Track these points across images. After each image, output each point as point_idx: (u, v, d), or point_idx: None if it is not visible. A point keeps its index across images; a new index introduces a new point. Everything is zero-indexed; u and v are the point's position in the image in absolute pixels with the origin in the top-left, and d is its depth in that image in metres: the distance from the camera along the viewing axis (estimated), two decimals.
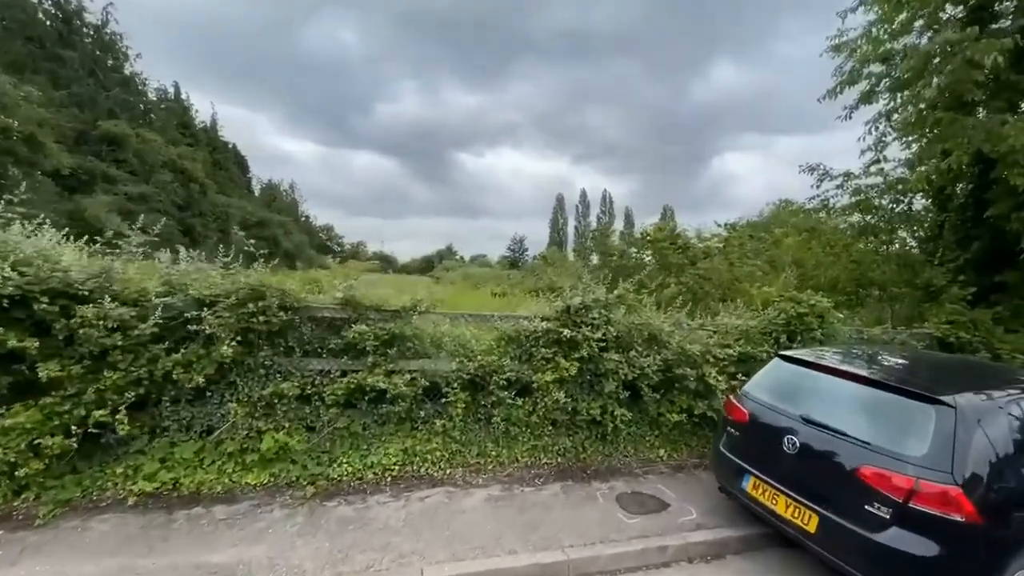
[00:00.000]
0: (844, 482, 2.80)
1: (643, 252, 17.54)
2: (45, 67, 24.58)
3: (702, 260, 15.07)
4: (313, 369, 4.21)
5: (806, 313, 5.63)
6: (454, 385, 4.44)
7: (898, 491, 2.56)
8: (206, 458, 3.81)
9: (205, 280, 3.82)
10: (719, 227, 16.14)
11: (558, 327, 4.61)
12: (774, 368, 3.81)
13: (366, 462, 4.12)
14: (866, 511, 2.66)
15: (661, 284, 15.08)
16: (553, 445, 4.69)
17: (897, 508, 2.56)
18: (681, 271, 15.07)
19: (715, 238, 15.86)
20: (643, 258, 17.40)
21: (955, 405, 2.66)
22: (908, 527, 2.53)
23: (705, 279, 13.87)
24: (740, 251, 14.19)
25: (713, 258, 14.74)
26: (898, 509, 2.55)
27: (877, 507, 2.62)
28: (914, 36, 6.84)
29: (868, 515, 2.65)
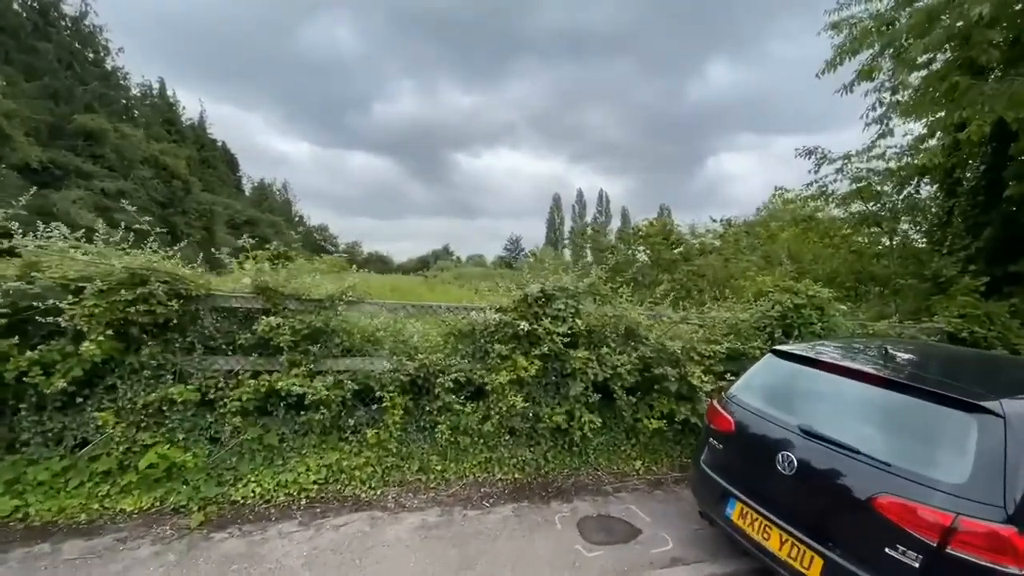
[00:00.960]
0: (856, 515, 2.13)
1: (635, 248, 16.97)
2: (19, 59, 23.75)
3: (696, 256, 14.51)
4: (219, 369, 3.52)
5: (804, 305, 4.98)
6: (390, 388, 3.76)
7: (930, 530, 1.90)
8: (73, 479, 3.11)
9: (66, 262, 3.11)
10: (715, 223, 15.59)
11: (514, 319, 3.94)
12: (766, 366, 3.14)
13: (279, 481, 3.43)
14: (886, 556, 1.99)
15: (654, 281, 14.51)
16: (510, 458, 4.01)
17: (929, 554, 1.89)
18: (674, 267, 14.50)
19: (710, 234, 15.30)
20: (635, 254, 16.83)
21: (1004, 414, 1.99)
22: None
23: (699, 275, 13.30)
24: (735, 247, 13.62)
25: (708, 255, 14.19)
26: (930, 555, 1.89)
27: (901, 551, 1.96)
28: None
29: (889, 562, 1.98)
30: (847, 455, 2.24)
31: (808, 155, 8.28)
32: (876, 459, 2.14)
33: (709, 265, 13.35)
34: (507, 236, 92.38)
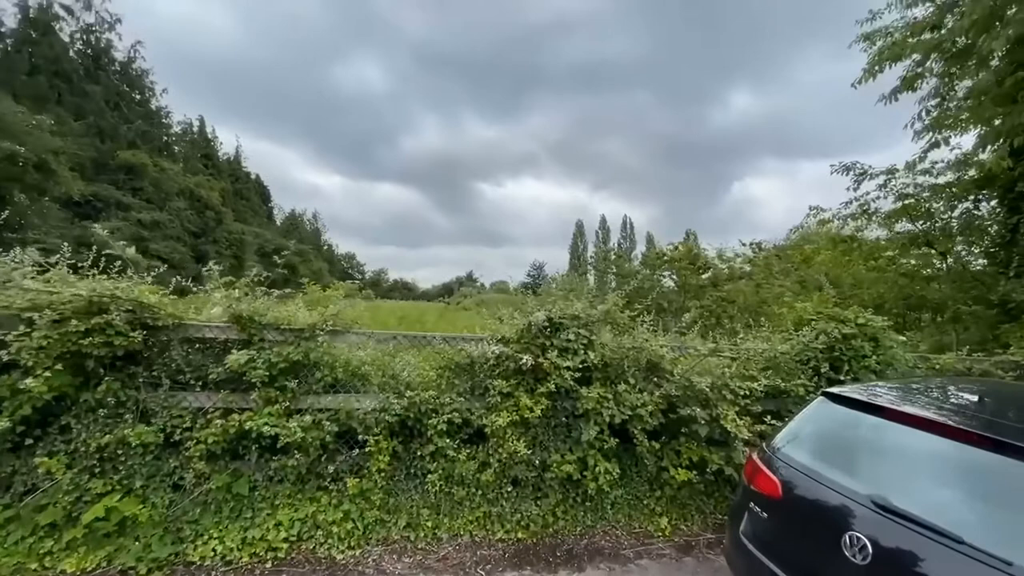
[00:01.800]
0: None
1: (659, 273, 16.32)
2: (70, 100, 25.46)
3: (725, 282, 13.78)
4: (187, 407, 3.17)
5: (854, 335, 4.34)
6: (376, 430, 3.32)
7: None
8: (14, 532, 2.76)
9: (12, 291, 2.85)
10: (744, 246, 14.87)
11: (516, 352, 3.47)
12: (818, 412, 2.57)
13: (245, 537, 3.00)
14: None
15: (681, 307, 13.80)
16: (513, 513, 3.48)
17: None
18: (702, 293, 13.79)
19: (739, 258, 14.57)
20: (659, 279, 16.16)
21: None
22: None
23: (729, 302, 12.58)
24: (767, 271, 12.89)
25: (738, 280, 13.46)
26: None
27: None
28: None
29: None
30: (945, 543, 1.66)
31: (846, 171, 7.65)
32: (991, 554, 1.56)
33: (739, 291, 12.62)
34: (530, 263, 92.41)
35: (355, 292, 5.54)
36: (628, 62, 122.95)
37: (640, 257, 32.13)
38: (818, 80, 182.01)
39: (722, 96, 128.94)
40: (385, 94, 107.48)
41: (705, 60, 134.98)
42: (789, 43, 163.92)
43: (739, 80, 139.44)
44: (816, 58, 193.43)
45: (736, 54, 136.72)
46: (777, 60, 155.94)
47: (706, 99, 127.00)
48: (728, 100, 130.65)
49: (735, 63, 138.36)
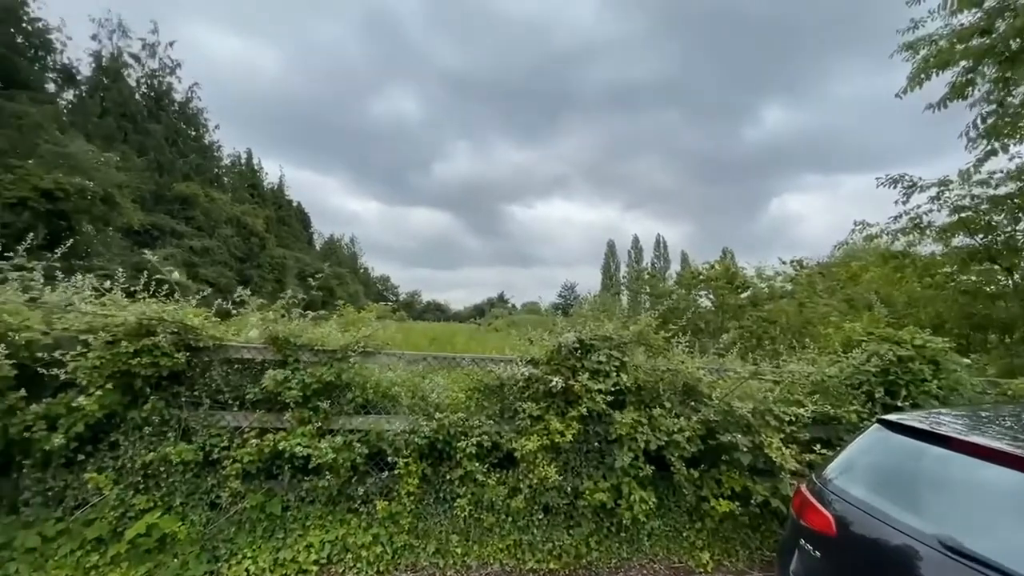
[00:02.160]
0: None
1: (695, 293, 15.86)
2: (134, 138, 27.72)
3: (765, 301, 13.24)
4: (225, 426, 3.26)
5: (911, 357, 4.04)
6: (405, 452, 3.30)
7: None
8: (63, 545, 2.87)
9: (74, 314, 3.05)
10: (784, 264, 14.31)
11: (546, 373, 3.41)
12: (874, 442, 2.37)
13: (277, 559, 3.01)
14: None
15: (719, 328, 13.30)
16: (544, 542, 3.35)
17: None
18: (741, 313, 13.27)
19: (780, 277, 14.01)
20: (695, 299, 15.69)
21: None
22: None
23: (770, 322, 12.04)
24: (810, 290, 12.32)
25: (779, 299, 12.90)
26: None
27: None
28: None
29: None
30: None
31: (893, 184, 7.27)
32: None
33: (781, 310, 12.08)
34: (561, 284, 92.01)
35: (388, 313, 5.64)
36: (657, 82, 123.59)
37: (675, 276, 31.44)
38: (855, 93, 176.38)
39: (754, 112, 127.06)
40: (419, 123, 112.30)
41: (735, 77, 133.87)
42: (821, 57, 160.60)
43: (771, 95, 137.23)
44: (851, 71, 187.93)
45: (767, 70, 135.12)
46: (810, 74, 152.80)
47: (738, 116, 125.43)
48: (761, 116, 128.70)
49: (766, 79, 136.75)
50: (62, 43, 23.03)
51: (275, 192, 52.22)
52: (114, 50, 28.61)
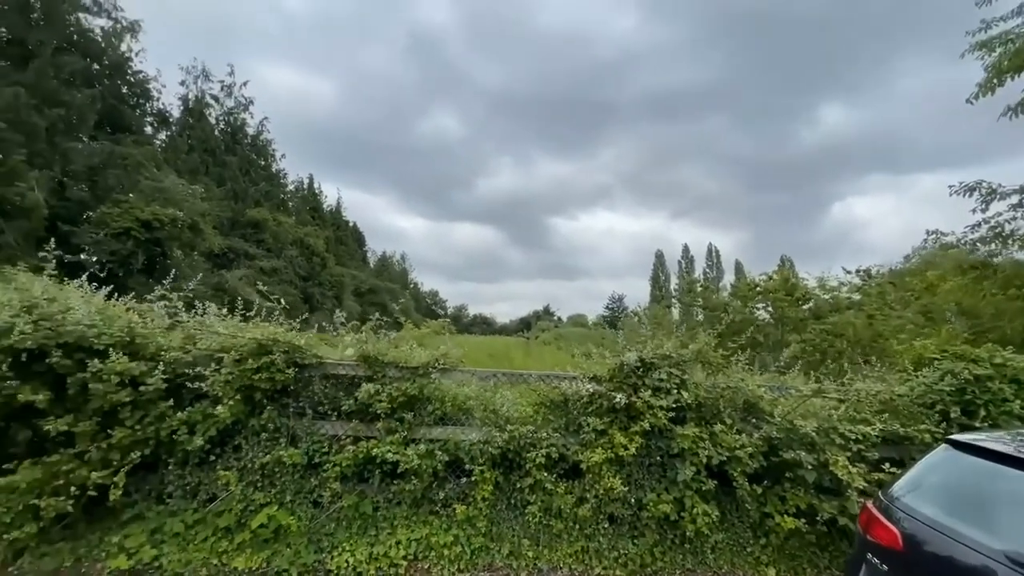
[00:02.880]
0: None
1: (752, 305, 15.34)
2: (214, 171, 30.69)
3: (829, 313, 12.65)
4: (325, 433, 3.74)
5: (990, 376, 3.92)
6: (480, 461, 3.63)
7: None
8: (200, 532, 3.41)
9: (208, 335, 3.64)
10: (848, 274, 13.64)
11: (610, 390, 3.65)
12: (943, 462, 2.43)
13: (371, 553, 3.40)
14: None
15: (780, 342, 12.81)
16: (610, 550, 3.55)
17: None
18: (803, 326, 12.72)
19: (845, 287, 13.34)
20: (752, 312, 15.17)
21: None
22: None
23: (836, 335, 11.50)
24: (880, 301, 11.66)
25: (845, 311, 12.29)
26: None
27: None
28: None
29: None
30: None
31: (969, 192, 6.93)
32: None
33: (848, 323, 11.50)
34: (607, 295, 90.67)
35: (443, 330, 6.06)
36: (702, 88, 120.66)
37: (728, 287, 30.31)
38: (924, 87, 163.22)
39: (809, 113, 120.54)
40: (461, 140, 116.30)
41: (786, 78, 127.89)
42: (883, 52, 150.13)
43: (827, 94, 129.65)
44: (919, 64, 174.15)
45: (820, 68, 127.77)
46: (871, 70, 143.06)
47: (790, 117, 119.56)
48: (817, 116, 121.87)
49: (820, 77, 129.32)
50: (158, 90, 26.20)
51: (333, 213, 55.47)
52: (198, 93, 32.00)
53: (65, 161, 17.58)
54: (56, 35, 18.69)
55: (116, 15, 21.11)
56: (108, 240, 18.03)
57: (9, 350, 3.13)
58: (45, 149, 16.87)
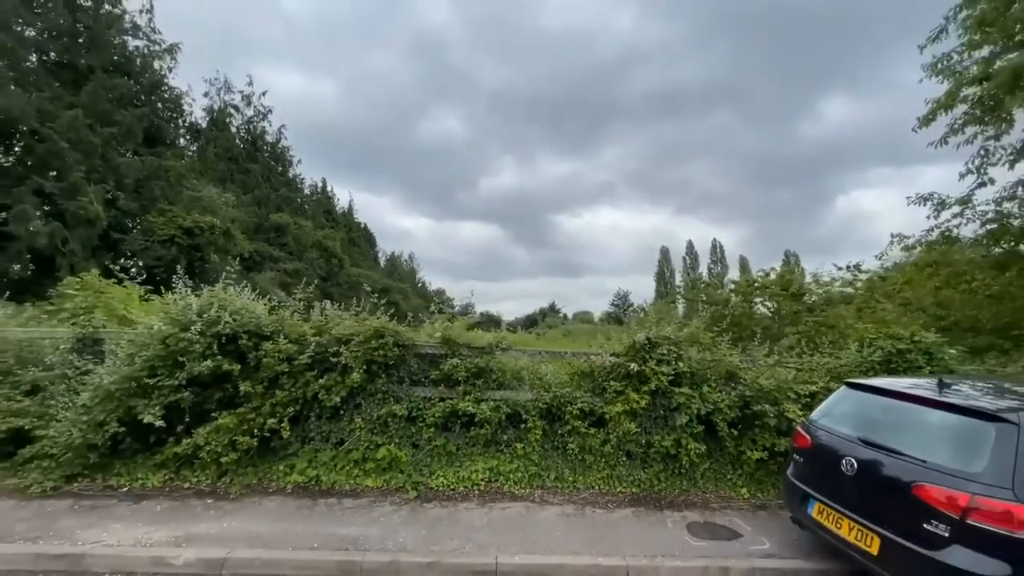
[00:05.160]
0: (902, 501, 2.79)
1: (750, 300, 16.60)
2: (238, 178, 32.31)
3: (822, 307, 13.87)
4: (418, 395, 5.15)
5: (908, 349, 5.27)
6: (532, 413, 5.03)
7: (953, 508, 2.54)
8: (338, 463, 4.84)
9: (342, 323, 5.06)
10: (840, 270, 14.85)
11: (626, 361, 5.03)
12: (841, 396, 3.81)
13: (458, 476, 4.82)
14: (924, 529, 2.64)
15: (777, 334, 14.04)
16: (628, 475, 4.94)
17: (954, 524, 2.53)
18: (798, 319, 13.97)
19: (837, 282, 14.55)
20: (750, 306, 16.45)
21: (1019, 423, 2.60)
22: None
23: (828, 327, 12.71)
24: (868, 294, 12.86)
25: (838, 304, 13.48)
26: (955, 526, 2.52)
27: (935, 524, 2.60)
28: None
29: (927, 534, 2.62)
30: (893, 456, 2.93)
31: (924, 201, 8.22)
32: (915, 457, 2.82)
33: (839, 316, 12.73)
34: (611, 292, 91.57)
35: (473, 325, 7.42)
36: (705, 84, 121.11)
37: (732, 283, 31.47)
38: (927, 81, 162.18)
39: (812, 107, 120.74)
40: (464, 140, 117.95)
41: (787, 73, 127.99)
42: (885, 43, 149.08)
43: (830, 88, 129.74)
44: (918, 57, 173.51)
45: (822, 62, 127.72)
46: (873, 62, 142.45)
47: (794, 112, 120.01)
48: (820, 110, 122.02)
49: (822, 71, 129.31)
50: (189, 104, 27.81)
51: (346, 215, 57.03)
52: (221, 104, 33.60)
53: (117, 175, 19.17)
54: (103, 58, 20.26)
55: (154, 37, 22.72)
56: (155, 246, 19.63)
57: (216, 335, 4.58)
58: (99, 164, 18.47)
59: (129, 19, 22.21)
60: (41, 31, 19.68)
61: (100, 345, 5.39)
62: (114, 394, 4.49)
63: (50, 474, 4.38)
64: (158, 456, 4.71)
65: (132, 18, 22.36)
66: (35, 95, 17.95)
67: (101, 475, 4.55)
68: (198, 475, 4.61)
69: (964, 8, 6.55)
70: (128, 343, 4.80)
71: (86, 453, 4.42)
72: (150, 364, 4.58)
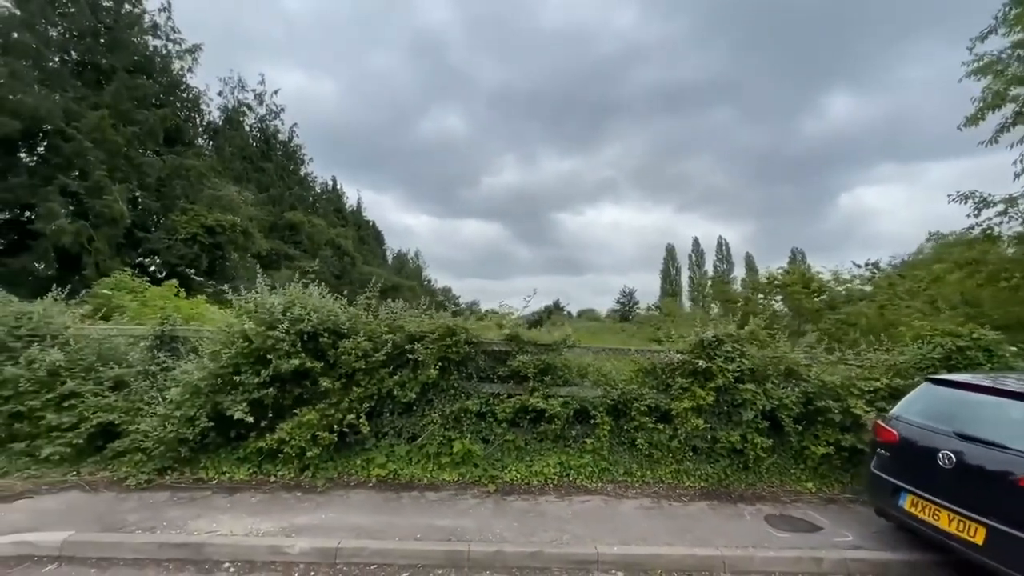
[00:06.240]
0: (1008, 491, 2.88)
1: (771, 298, 16.67)
2: (253, 177, 32.47)
3: (842, 304, 13.93)
4: (486, 392, 5.26)
5: (968, 347, 5.34)
6: (600, 409, 5.14)
7: None
8: (413, 457, 4.97)
9: (415, 321, 5.18)
10: (859, 268, 14.87)
11: (693, 359, 5.13)
12: (923, 391, 3.90)
13: (531, 470, 4.94)
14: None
15: (796, 331, 14.10)
16: (695, 470, 5.05)
17: None
18: (819, 317, 14.02)
19: (857, 280, 14.58)
20: (771, 304, 16.51)
21: None
22: None
23: (849, 324, 12.77)
24: (890, 292, 12.90)
25: (857, 302, 13.55)
26: None
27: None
28: None
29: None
30: (995, 449, 3.02)
31: (964, 200, 8.26)
32: (1018, 450, 2.91)
33: (861, 313, 12.78)
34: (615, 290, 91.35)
35: (536, 323, 7.51)
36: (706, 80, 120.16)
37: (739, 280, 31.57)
38: (932, 74, 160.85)
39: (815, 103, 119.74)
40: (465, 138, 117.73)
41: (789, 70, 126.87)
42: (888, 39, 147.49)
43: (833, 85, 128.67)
44: (925, 51, 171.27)
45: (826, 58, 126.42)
46: (876, 59, 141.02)
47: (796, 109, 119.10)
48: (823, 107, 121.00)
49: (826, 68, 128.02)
50: (206, 104, 27.97)
51: (355, 214, 57.18)
52: (235, 102, 33.75)
53: (140, 174, 19.35)
54: (125, 58, 20.41)
55: (173, 37, 22.87)
56: (178, 244, 19.82)
57: (299, 332, 4.71)
58: (122, 164, 18.64)
59: (149, 19, 22.38)
60: (64, 31, 19.85)
61: (176, 342, 5.53)
62: (202, 390, 4.62)
63: (142, 467, 4.52)
64: (240, 450, 4.85)
65: (152, 18, 22.54)
66: (60, 96, 18.13)
67: (189, 468, 4.69)
68: (280, 469, 4.74)
69: (1014, 7, 6.60)
70: (212, 340, 4.93)
71: (177, 447, 4.56)
72: (234, 361, 4.71)
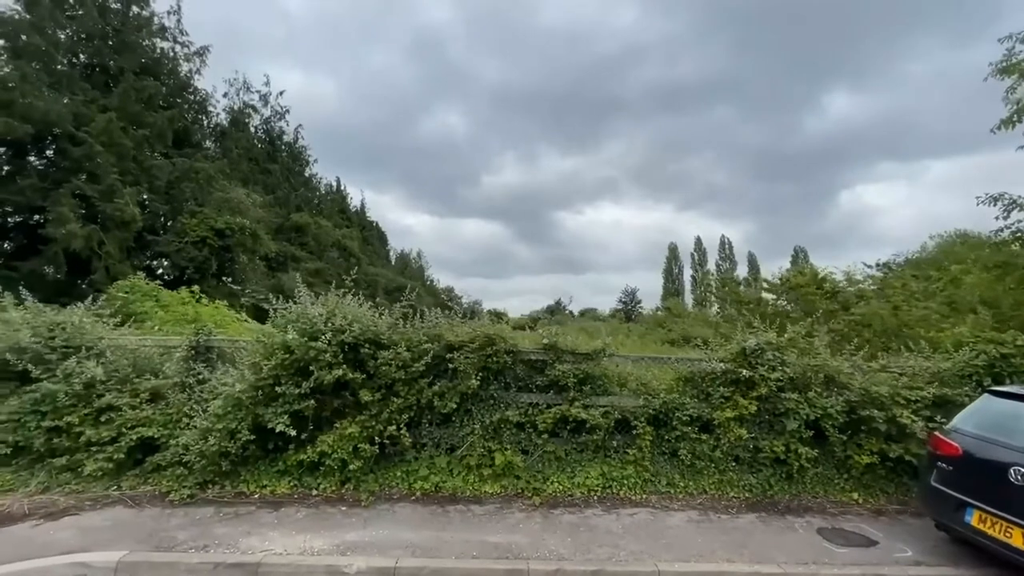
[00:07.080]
0: None
1: (781, 298, 16.59)
2: (259, 179, 32.42)
3: (855, 305, 13.84)
4: (524, 402, 5.20)
5: (1012, 354, 5.26)
6: (641, 420, 5.07)
7: None
8: (454, 469, 4.91)
9: (453, 329, 5.12)
10: (869, 268, 14.79)
11: (735, 368, 5.07)
12: (984, 404, 3.83)
13: (573, 481, 4.88)
14: None
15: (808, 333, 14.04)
16: (739, 480, 4.99)
17: None
18: (831, 317, 13.91)
19: (868, 280, 14.50)
20: (781, 305, 16.44)
21: None
22: None
23: (863, 325, 12.67)
24: (904, 292, 12.81)
25: (870, 302, 13.46)
26: None
27: None
28: None
29: None
30: None
31: (993, 202, 8.19)
32: None
33: (875, 314, 12.69)
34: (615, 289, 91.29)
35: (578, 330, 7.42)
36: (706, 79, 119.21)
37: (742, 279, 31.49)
38: (933, 71, 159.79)
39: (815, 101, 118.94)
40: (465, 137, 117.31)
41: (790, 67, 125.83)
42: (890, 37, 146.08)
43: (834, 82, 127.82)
44: (926, 48, 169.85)
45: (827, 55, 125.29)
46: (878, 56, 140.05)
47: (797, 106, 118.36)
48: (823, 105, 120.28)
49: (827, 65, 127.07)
50: (213, 107, 27.92)
51: (359, 214, 57.13)
52: (240, 104, 33.68)
53: (150, 177, 19.30)
54: (133, 61, 20.36)
55: (181, 39, 22.81)
56: (187, 247, 19.78)
57: (340, 343, 4.65)
58: (132, 167, 18.59)
59: (157, 21, 22.33)
60: (72, 34, 19.80)
61: (211, 353, 5.47)
62: (244, 402, 4.56)
63: (184, 481, 4.47)
64: (280, 463, 4.79)
65: (160, 20, 22.49)
66: (69, 99, 18.07)
67: (229, 482, 4.64)
68: (321, 482, 4.69)
69: None
70: (251, 352, 4.88)
71: (219, 461, 4.51)
72: (275, 372, 4.65)
